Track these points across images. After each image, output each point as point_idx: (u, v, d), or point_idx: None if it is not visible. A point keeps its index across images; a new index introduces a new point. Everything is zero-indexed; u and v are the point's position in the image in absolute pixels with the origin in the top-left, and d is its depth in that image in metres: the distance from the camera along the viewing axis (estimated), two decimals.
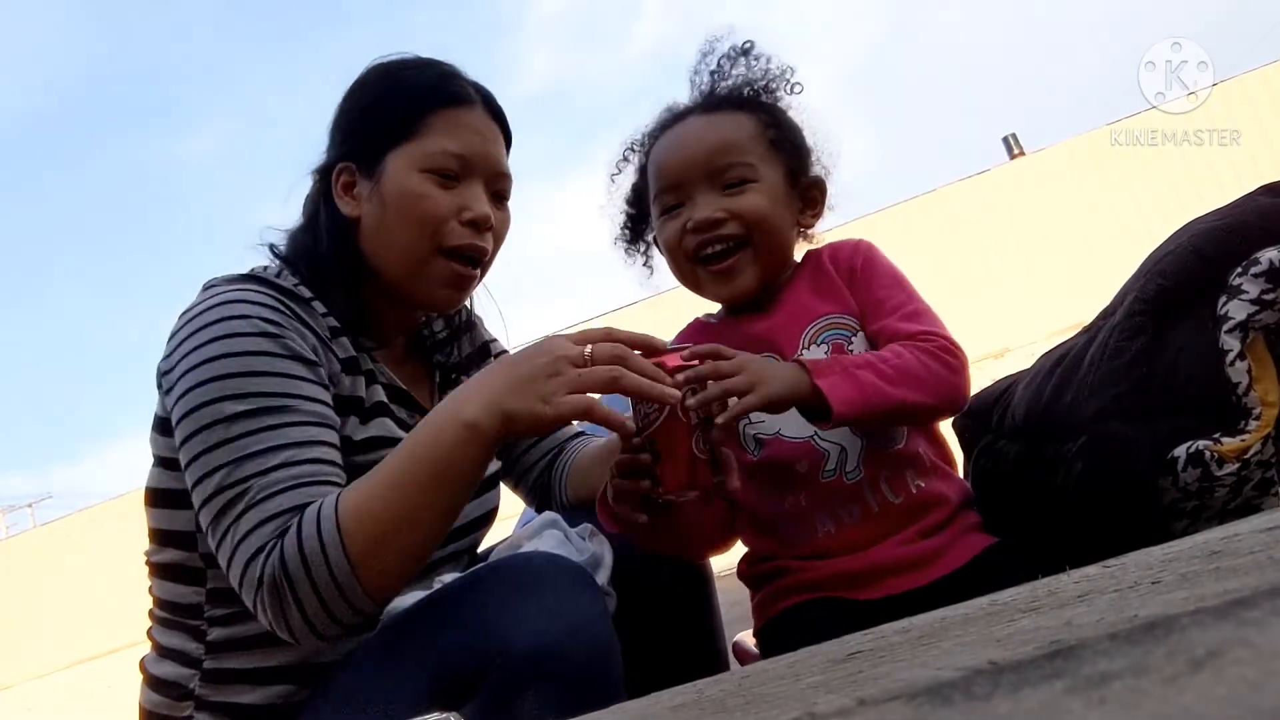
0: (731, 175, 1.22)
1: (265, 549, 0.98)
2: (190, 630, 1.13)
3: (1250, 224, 1.08)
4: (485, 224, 1.20)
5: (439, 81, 1.22)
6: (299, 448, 1.03)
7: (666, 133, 1.30)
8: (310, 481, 1.02)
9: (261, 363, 1.05)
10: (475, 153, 1.20)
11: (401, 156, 1.18)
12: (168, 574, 1.15)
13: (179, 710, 1.11)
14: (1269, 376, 1.04)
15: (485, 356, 1.41)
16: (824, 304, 1.25)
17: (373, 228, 1.20)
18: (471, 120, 1.21)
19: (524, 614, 0.93)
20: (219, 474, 1.01)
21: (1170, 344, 1.09)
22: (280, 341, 1.07)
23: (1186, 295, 1.09)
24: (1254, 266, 1.03)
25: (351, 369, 1.16)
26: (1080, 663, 0.41)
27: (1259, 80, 11.19)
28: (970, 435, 1.37)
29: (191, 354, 1.05)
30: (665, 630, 1.29)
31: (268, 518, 0.99)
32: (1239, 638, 0.38)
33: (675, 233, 1.24)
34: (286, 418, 1.03)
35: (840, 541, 1.18)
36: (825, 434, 1.19)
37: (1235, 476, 1.04)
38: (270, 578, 0.97)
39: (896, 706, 0.42)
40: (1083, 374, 1.18)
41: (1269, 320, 1.03)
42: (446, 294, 1.21)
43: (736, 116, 1.27)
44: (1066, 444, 1.16)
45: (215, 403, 1.03)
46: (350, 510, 0.97)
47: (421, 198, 1.17)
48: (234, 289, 1.10)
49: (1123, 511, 1.09)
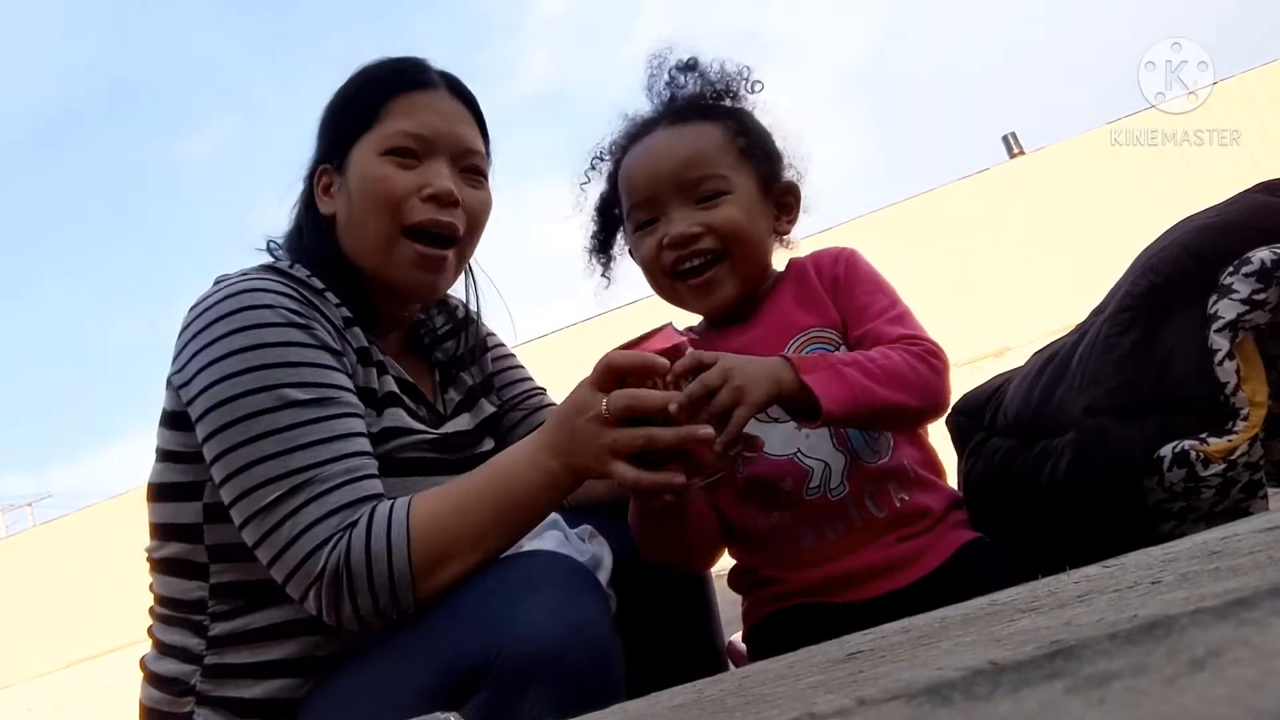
0: (705, 188, 1.21)
1: (331, 541, 0.99)
2: (192, 626, 1.12)
3: (1244, 222, 1.08)
4: (447, 198, 1.19)
5: (398, 69, 1.23)
6: (346, 439, 1.04)
7: (635, 145, 1.28)
8: (363, 475, 1.03)
9: (297, 353, 1.05)
10: (435, 130, 1.20)
11: (364, 145, 1.19)
12: (170, 569, 1.14)
13: (180, 706, 1.11)
14: (1257, 377, 1.03)
15: (484, 352, 1.41)
16: (807, 316, 1.24)
17: (345, 221, 1.21)
18: (431, 101, 1.21)
19: (527, 612, 0.93)
20: (265, 465, 1.01)
21: (1161, 341, 1.08)
22: (310, 331, 1.07)
23: (1178, 293, 1.08)
24: (1245, 266, 1.02)
25: (365, 359, 1.16)
26: (1080, 663, 0.41)
27: (1258, 80, 11.19)
28: (962, 433, 1.37)
29: (215, 345, 1.05)
30: (664, 631, 1.30)
31: (331, 511, 1.00)
32: (1239, 638, 0.38)
33: (652, 249, 1.23)
34: (330, 409, 1.04)
35: (824, 555, 1.19)
36: (808, 451, 1.19)
37: (1221, 478, 1.03)
38: (333, 571, 0.98)
39: (896, 706, 0.42)
40: (1072, 371, 1.18)
41: (1259, 320, 1.02)
42: (419, 276, 1.20)
43: (703, 127, 1.25)
44: (1055, 440, 1.16)
45: (254, 394, 1.02)
46: (423, 521, 0.99)
47: (380, 179, 1.17)
48: (251, 280, 1.10)
49: (1108, 509, 1.09)
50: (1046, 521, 1.17)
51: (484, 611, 0.96)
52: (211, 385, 1.04)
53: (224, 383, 1.03)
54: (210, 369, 1.04)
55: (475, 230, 1.25)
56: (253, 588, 1.09)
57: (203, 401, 1.04)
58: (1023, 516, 1.21)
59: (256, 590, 1.09)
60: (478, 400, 1.34)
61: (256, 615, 1.08)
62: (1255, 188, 1.15)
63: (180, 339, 1.09)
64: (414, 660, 0.98)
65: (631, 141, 1.29)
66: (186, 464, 1.09)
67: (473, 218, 1.23)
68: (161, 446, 1.14)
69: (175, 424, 1.11)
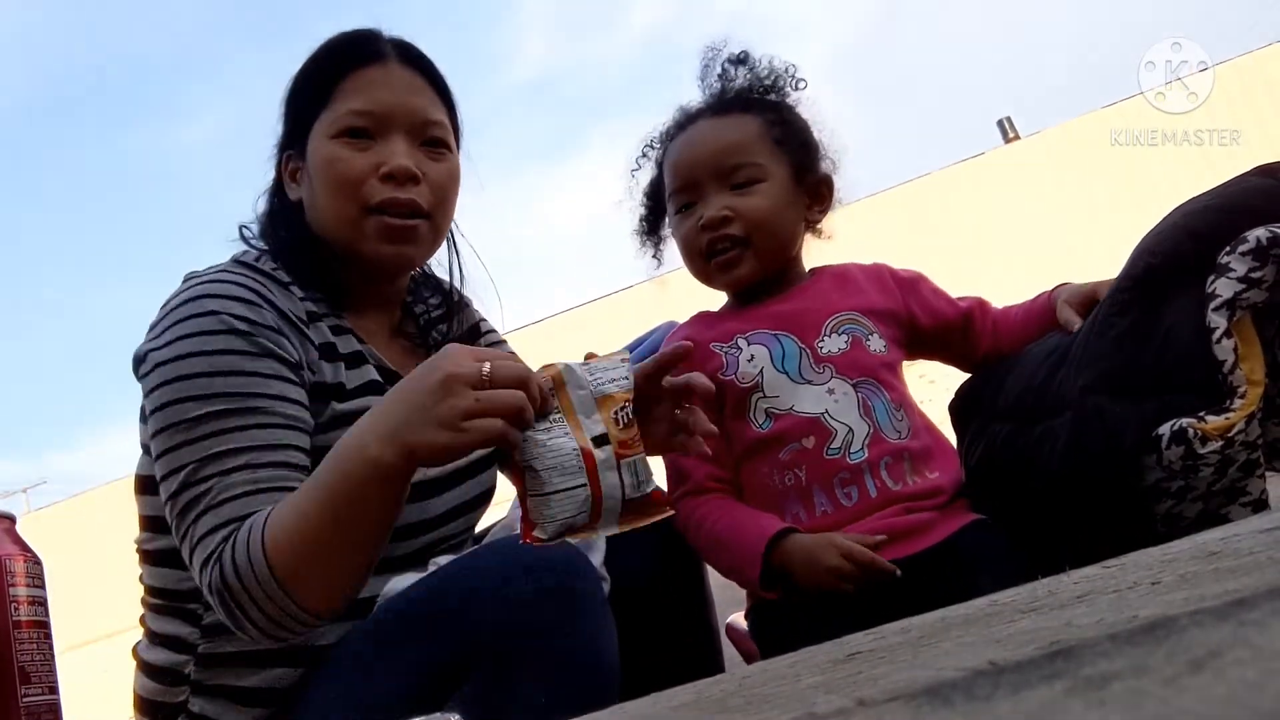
0: (740, 176, 1.30)
1: (213, 558, 0.98)
2: (185, 615, 1.12)
3: (1241, 204, 1.08)
4: (405, 175, 1.16)
5: (346, 46, 1.21)
6: (262, 450, 1.02)
7: (680, 134, 1.37)
8: (268, 488, 1.00)
9: (229, 362, 1.04)
10: (386, 105, 1.17)
11: (318, 128, 1.18)
12: (161, 560, 1.14)
13: (174, 696, 1.11)
14: (1255, 355, 1.04)
15: (475, 337, 1.41)
16: (850, 299, 1.33)
17: (310, 205, 1.21)
18: (381, 75, 1.19)
19: (517, 595, 0.93)
20: (183, 473, 1.01)
21: (1160, 322, 1.09)
22: (252, 340, 1.06)
23: (1176, 273, 1.09)
24: (1242, 245, 1.03)
25: (329, 355, 1.14)
26: (1080, 663, 0.41)
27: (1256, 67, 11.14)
28: (963, 418, 1.38)
29: (163, 349, 1.06)
30: (660, 614, 1.30)
31: (219, 525, 0.99)
32: (1239, 638, 0.38)
33: (691, 230, 1.32)
34: (253, 419, 1.02)
35: (834, 524, 1.22)
36: (835, 414, 1.24)
37: (1220, 456, 1.03)
38: (218, 588, 0.97)
39: (896, 707, 0.42)
40: (1073, 353, 1.19)
41: (1256, 299, 1.03)
42: (391, 249, 1.18)
43: (744, 118, 1.34)
44: (1053, 420, 1.17)
45: (181, 402, 1.03)
46: (271, 535, 0.94)
47: (334, 162, 1.16)
48: (210, 282, 1.10)
49: (1106, 489, 1.10)
50: (1047, 503, 1.19)
51: (475, 595, 0.95)
52: (154, 389, 1.05)
53: (161, 388, 1.04)
54: (155, 373, 1.05)
55: (445, 202, 1.22)
56: None
57: (148, 403, 1.06)
58: (1023, 499, 1.22)
59: None
60: None
61: None
62: (1252, 171, 1.15)
63: (145, 337, 1.10)
64: (406, 646, 0.98)
65: (678, 130, 1.38)
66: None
67: (438, 190, 1.20)
68: (142, 440, 1.13)
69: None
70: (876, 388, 1.27)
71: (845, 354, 1.27)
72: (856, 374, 1.26)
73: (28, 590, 0.95)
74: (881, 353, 1.29)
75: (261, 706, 1.09)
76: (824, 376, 1.26)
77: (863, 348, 1.28)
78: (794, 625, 1.17)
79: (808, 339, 1.28)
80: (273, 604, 0.95)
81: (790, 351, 1.27)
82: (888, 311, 1.34)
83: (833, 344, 1.28)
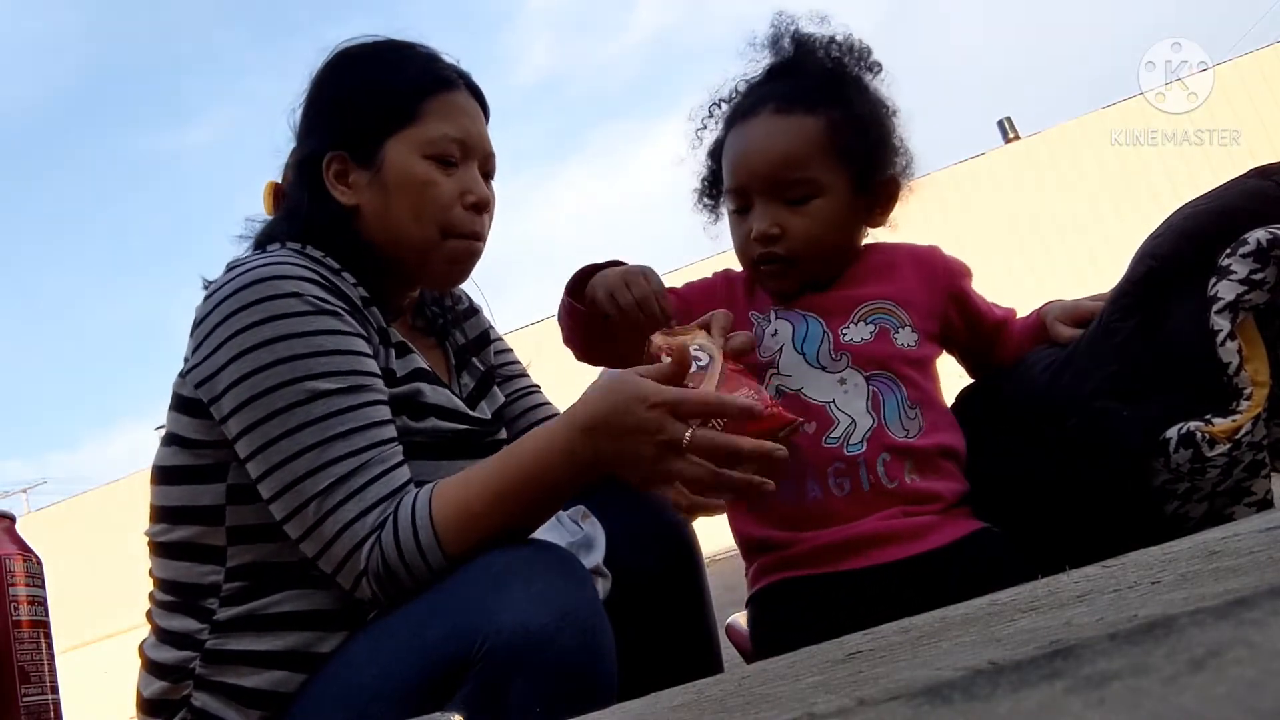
0: (794, 192, 1.26)
1: (367, 540, 1.00)
2: (197, 611, 1.11)
3: (1239, 206, 1.09)
4: (485, 207, 1.23)
5: (428, 67, 1.24)
6: (379, 427, 1.05)
7: (741, 123, 1.31)
8: (397, 463, 1.04)
9: (326, 341, 1.05)
10: (470, 136, 1.22)
11: (402, 143, 1.19)
12: (178, 553, 1.12)
13: (178, 691, 1.10)
14: (1259, 356, 1.04)
15: (484, 344, 1.42)
16: (886, 286, 1.29)
17: (376, 215, 1.20)
18: (463, 103, 1.23)
19: (511, 600, 0.93)
20: (302, 459, 1.01)
21: (1163, 325, 1.09)
22: (339, 317, 1.07)
23: (1177, 277, 1.09)
24: (1242, 247, 1.03)
25: (385, 340, 1.16)
26: (1080, 663, 0.41)
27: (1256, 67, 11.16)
28: (966, 425, 1.38)
29: (241, 336, 1.04)
30: (658, 613, 1.29)
31: (368, 507, 1.01)
32: (1239, 638, 0.38)
33: (742, 238, 1.30)
34: (363, 397, 1.05)
35: (825, 510, 1.21)
36: (841, 405, 1.23)
37: (1227, 457, 1.03)
38: (376, 571, 1.00)
39: (896, 706, 0.42)
40: (1076, 359, 1.19)
41: (1258, 300, 1.03)
42: (456, 271, 1.24)
43: (805, 121, 1.27)
44: (1059, 426, 1.17)
45: (286, 386, 1.02)
46: (447, 507, 1.00)
47: (428, 184, 1.19)
48: (272, 265, 1.09)
49: (1114, 493, 1.10)
50: (1053, 508, 1.18)
51: (468, 601, 0.95)
52: (242, 379, 1.03)
53: (255, 376, 1.03)
54: (238, 362, 1.04)
55: (490, 225, 1.28)
56: (269, 569, 1.09)
57: (234, 396, 1.04)
58: (1029, 505, 1.22)
59: (272, 572, 1.08)
60: (490, 387, 1.34)
61: (266, 600, 1.07)
62: (1250, 173, 1.15)
63: (201, 329, 1.08)
64: (402, 651, 0.98)
65: (740, 116, 1.32)
66: (203, 449, 1.08)
67: (491, 219, 1.27)
68: (173, 431, 1.12)
69: (189, 410, 1.10)
70: (893, 382, 1.24)
71: (867, 344, 1.25)
72: (873, 366, 1.24)
73: (27, 590, 0.95)
74: (909, 347, 1.26)
75: (261, 709, 1.09)
76: (839, 365, 1.24)
77: (888, 339, 1.25)
78: (791, 618, 1.17)
79: (833, 324, 1.26)
80: (433, 577, 1.00)
81: (814, 334, 1.26)
82: (925, 304, 1.30)
83: (857, 333, 1.25)
